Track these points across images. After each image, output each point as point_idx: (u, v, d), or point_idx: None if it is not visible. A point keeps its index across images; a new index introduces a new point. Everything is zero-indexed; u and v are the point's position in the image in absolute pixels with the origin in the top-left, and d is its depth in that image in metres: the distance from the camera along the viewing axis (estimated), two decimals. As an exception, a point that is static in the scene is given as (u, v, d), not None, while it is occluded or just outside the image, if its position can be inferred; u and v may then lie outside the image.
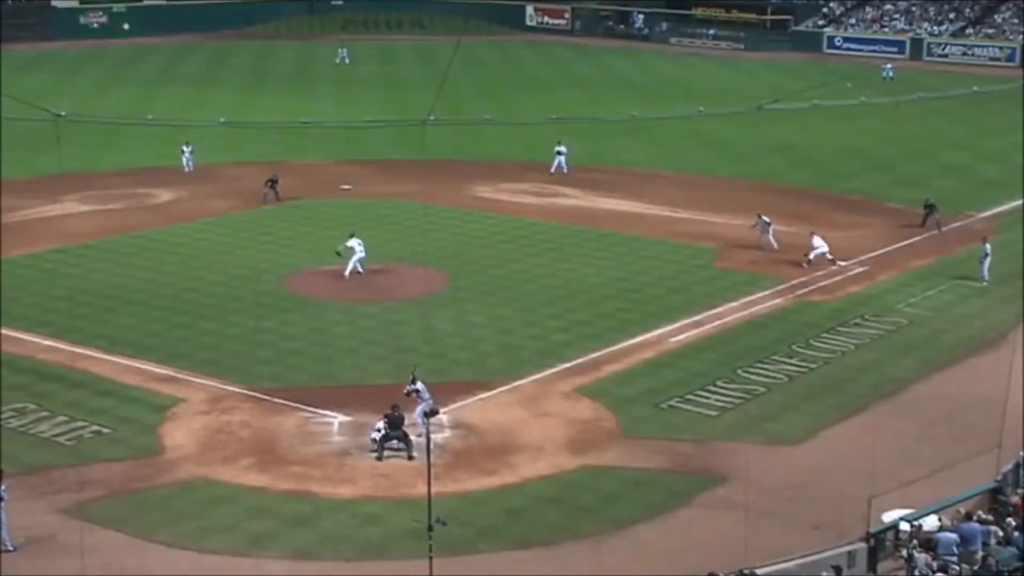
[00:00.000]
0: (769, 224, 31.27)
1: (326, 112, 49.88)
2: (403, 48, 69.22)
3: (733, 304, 27.13)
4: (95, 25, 71.55)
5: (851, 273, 29.79)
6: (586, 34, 75.52)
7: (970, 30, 66.00)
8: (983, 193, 37.20)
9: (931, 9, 68.62)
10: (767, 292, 28.07)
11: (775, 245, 31.05)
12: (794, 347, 24.61)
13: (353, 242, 28.48)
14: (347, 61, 63.28)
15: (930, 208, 33.25)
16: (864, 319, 26.44)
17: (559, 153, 39.26)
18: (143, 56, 65.19)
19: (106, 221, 33.60)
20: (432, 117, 45.32)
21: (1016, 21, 65.50)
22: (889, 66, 59.44)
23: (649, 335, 25.23)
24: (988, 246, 28.95)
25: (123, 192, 36.67)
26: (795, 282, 28.78)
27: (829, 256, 29.88)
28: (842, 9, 71.33)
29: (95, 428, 20.62)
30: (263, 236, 32.48)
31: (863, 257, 30.92)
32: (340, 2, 79.66)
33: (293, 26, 75.12)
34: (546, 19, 78.13)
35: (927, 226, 33.16)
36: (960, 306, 27.60)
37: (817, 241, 29.98)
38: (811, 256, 29.75)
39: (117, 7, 72.85)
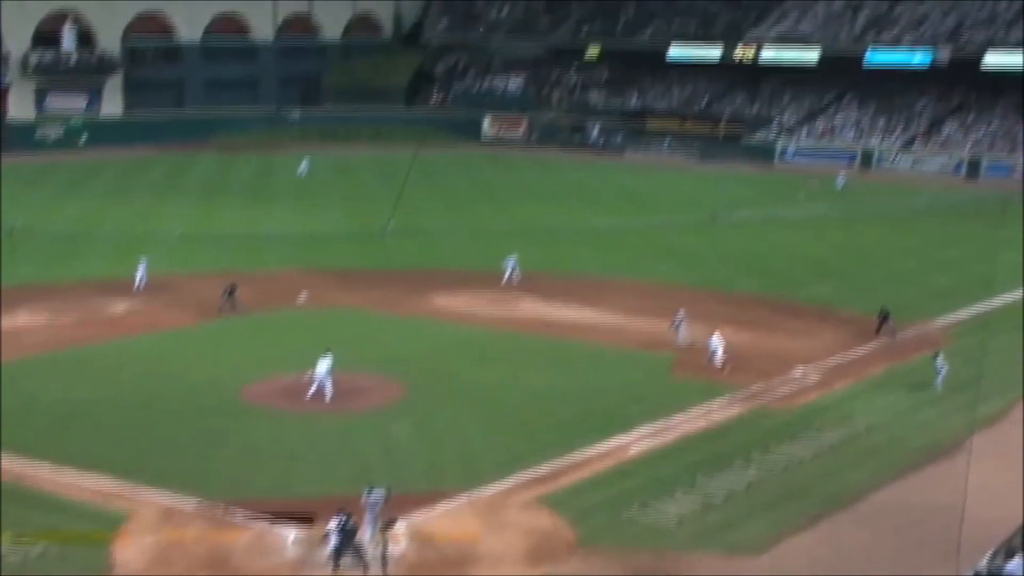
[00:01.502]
0: (681, 322, 31.77)
1: (284, 222, 50.07)
2: (361, 160, 69.93)
3: (691, 412, 27.22)
4: (51, 138, 71.37)
5: (808, 381, 30.03)
6: (542, 145, 76.79)
7: (918, 142, 67.81)
8: (935, 302, 37.76)
9: (880, 122, 70.53)
10: (725, 400, 28.20)
11: (686, 341, 31.41)
12: (753, 455, 24.64)
13: (322, 361, 27.77)
14: (305, 173, 63.54)
15: (884, 316, 33.74)
16: (821, 427, 26.56)
17: (511, 264, 39.49)
18: (100, 169, 65.26)
19: (59, 333, 33.25)
20: (390, 227, 46.10)
21: (961, 135, 67.44)
22: (842, 176, 60.77)
23: (608, 444, 25.20)
24: (941, 359, 29.22)
25: (77, 304, 36.35)
26: (752, 390, 28.96)
27: (720, 357, 29.82)
28: (793, 121, 73.09)
29: (42, 547, 20.07)
30: (220, 347, 32.32)
31: (818, 364, 31.16)
32: (298, 115, 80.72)
33: (252, 138, 75.75)
34: (503, 131, 79.32)
35: (881, 334, 33.62)
36: (916, 414, 27.80)
37: (715, 341, 30.06)
38: (718, 358, 29.76)
39: (74, 120, 72.98)
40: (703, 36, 78.05)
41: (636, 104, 79.56)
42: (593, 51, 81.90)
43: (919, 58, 69.38)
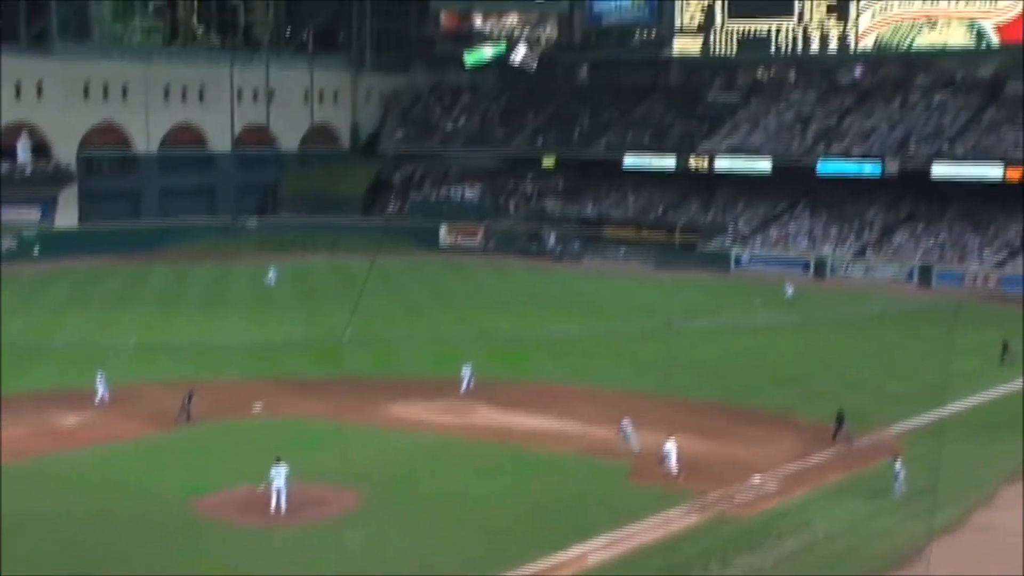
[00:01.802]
0: (629, 429, 32.04)
1: (241, 332, 49.92)
2: (319, 268, 70.00)
3: (649, 521, 27.12)
4: (3, 250, 70.77)
5: (766, 489, 30.06)
6: (499, 253, 77.44)
7: (870, 251, 69.03)
8: (891, 408, 38.07)
9: (833, 231, 71.78)
10: (683, 508, 28.14)
11: (637, 448, 31.62)
12: (712, 565, 24.49)
13: (276, 471, 27.55)
14: (273, 282, 63.65)
15: (840, 421, 33.98)
16: (780, 535, 26.50)
17: (467, 371, 39.57)
18: (54, 279, 64.83)
19: (10, 446, 32.60)
20: (347, 335, 45.98)
21: (912, 244, 68.77)
22: (789, 286, 61.65)
23: (567, 554, 25.03)
24: (899, 465, 29.38)
25: (29, 416, 35.80)
26: (710, 498, 28.93)
27: (674, 464, 29.79)
28: (748, 229, 74.19)
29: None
30: (173, 458, 31.94)
31: (776, 472, 31.22)
32: (255, 223, 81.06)
33: (208, 247, 75.74)
34: (460, 239, 79.89)
35: (838, 440, 33.84)
36: (874, 521, 27.86)
37: (669, 447, 30.08)
38: (672, 465, 29.79)
39: (27, 232, 72.68)
40: (657, 147, 79.48)
41: (592, 212, 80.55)
42: (549, 161, 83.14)
43: (869, 169, 70.91)
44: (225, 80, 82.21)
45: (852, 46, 77.50)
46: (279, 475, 27.30)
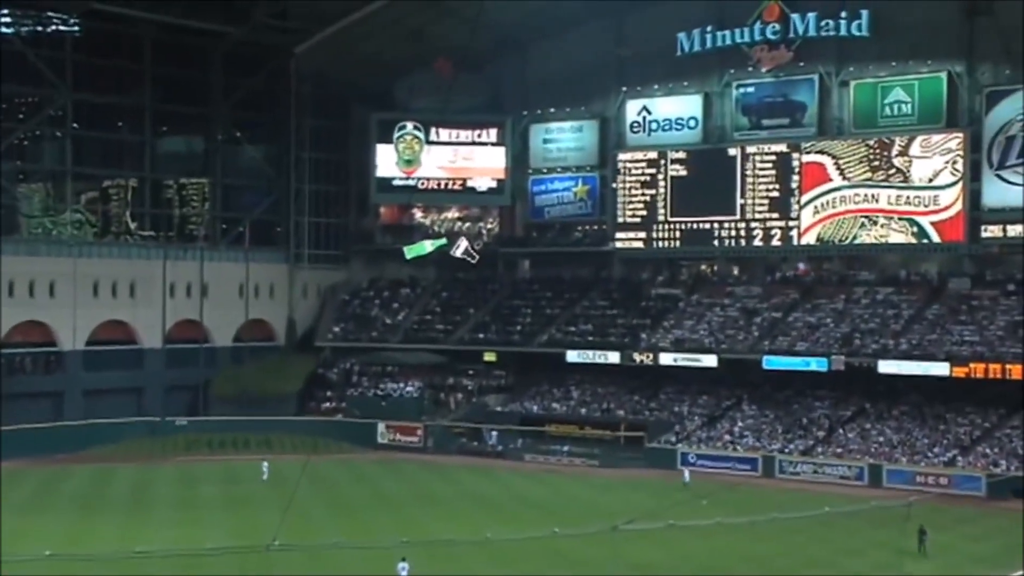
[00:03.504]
0: None
1: (164, 539, 48.91)
2: (250, 469, 69.07)
3: None
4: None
5: None
6: (439, 451, 76.99)
7: (819, 448, 69.53)
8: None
9: (779, 427, 72.35)
10: None
11: None
12: None
13: None
14: (266, 477, 63.65)
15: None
16: None
17: (403, 571, 39.01)
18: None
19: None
20: (276, 542, 45.06)
21: (860, 441, 69.37)
22: (687, 472, 61.97)
23: None
24: None
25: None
26: None
27: None
28: (694, 426, 74.52)
29: None
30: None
31: None
32: (185, 422, 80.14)
33: (133, 448, 74.42)
34: (398, 436, 79.39)
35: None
36: None
37: None
38: None
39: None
40: (601, 342, 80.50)
41: (535, 408, 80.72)
42: (491, 355, 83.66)
43: (815, 364, 72.04)
44: (157, 274, 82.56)
45: (795, 240, 79.88)
46: None
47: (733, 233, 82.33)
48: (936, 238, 75.53)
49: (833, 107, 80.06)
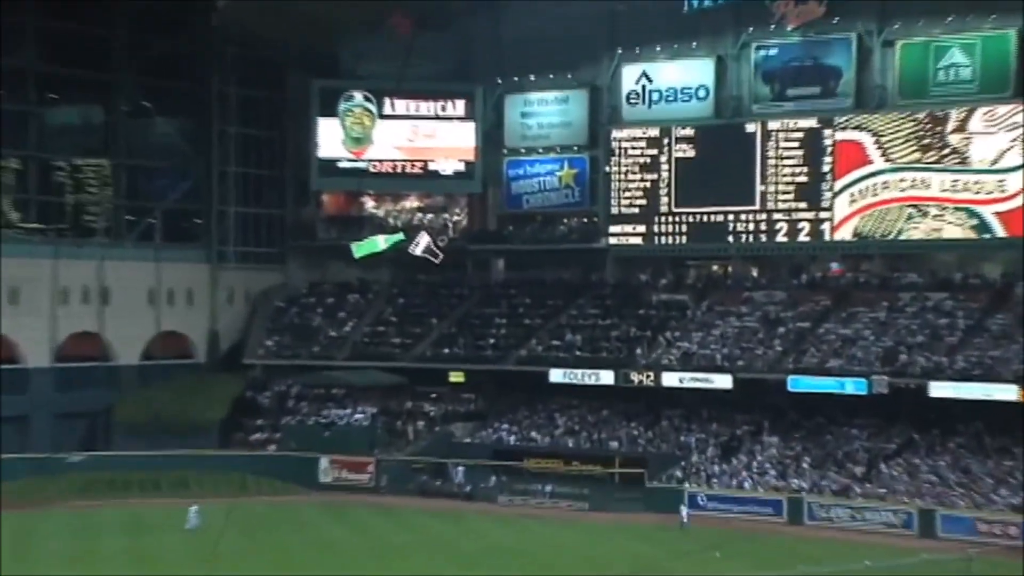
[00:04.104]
0: None
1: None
2: (162, 514, 68.19)
3: None
4: None
5: None
6: (395, 491, 76.62)
7: (858, 489, 68.80)
8: None
9: (808, 463, 71.61)
10: None
11: None
12: None
13: None
14: (194, 525, 62.90)
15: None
16: None
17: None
18: None
19: None
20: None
21: (908, 480, 68.71)
22: (685, 514, 62.14)
23: None
24: None
25: None
26: None
27: None
28: (704, 459, 73.98)
29: None
30: None
31: None
32: (80, 458, 78.68)
33: (14, 491, 72.64)
34: (344, 474, 78.92)
35: None
36: None
37: None
38: None
39: None
40: (591, 359, 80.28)
41: (511, 440, 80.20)
42: (457, 375, 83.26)
43: (851, 386, 71.55)
44: (46, 276, 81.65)
45: (827, 236, 79.89)
46: None
47: (751, 227, 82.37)
48: (1000, 232, 75.39)
49: (874, 73, 79.77)
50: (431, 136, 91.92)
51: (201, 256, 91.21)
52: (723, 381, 75.69)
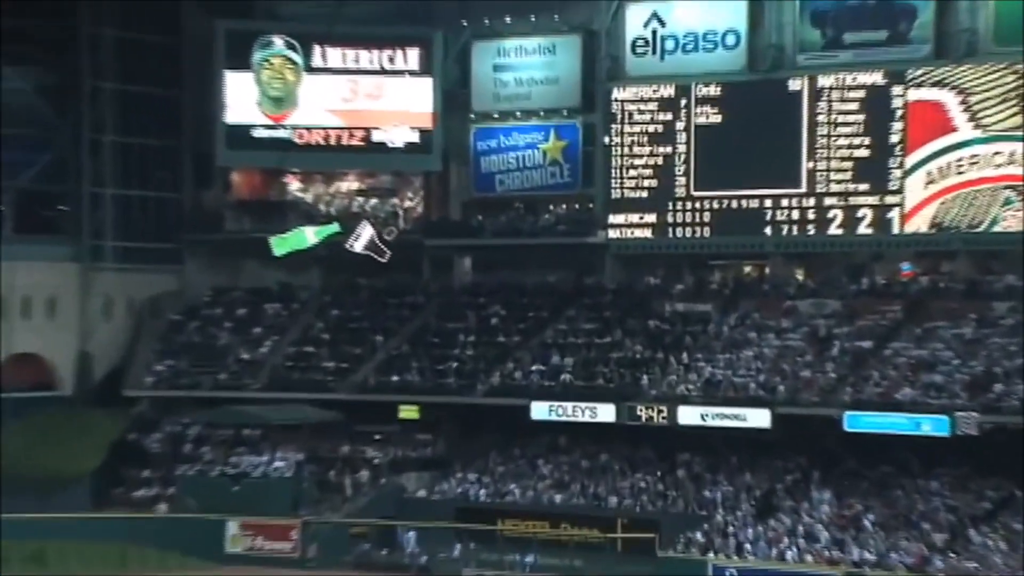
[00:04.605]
0: None
1: None
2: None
3: None
4: None
5: None
6: (327, 565, 76.03)
7: (940, 561, 67.81)
8: None
9: (872, 524, 70.70)
10: None
11: None
12: None
13: None
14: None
15: None
16: None
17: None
18: None
19: None
20: None
21: (1006, 549, 67.66)
22: None
23: None
24: None
25: None
26: None
27: None
28: (734, 522, 73.21)
29: None
30: None
31: None
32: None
33: None
34: (260, 542, 78.48)
35: None
36: None
37: None
38: None
39: None
40: (585, 388, 79.91)
41: (480, 495, 79.94)
42: (410, 410, 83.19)
43: (930, 425, 70.45)
44: None
45: (896, 227, 79.77)
46: None
47: (796, 215, 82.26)
48: None
49: (960, 12, 79.61)
50: (375, 96, 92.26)
51: (66, 253, 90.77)
52: (759, 418, 74.86)
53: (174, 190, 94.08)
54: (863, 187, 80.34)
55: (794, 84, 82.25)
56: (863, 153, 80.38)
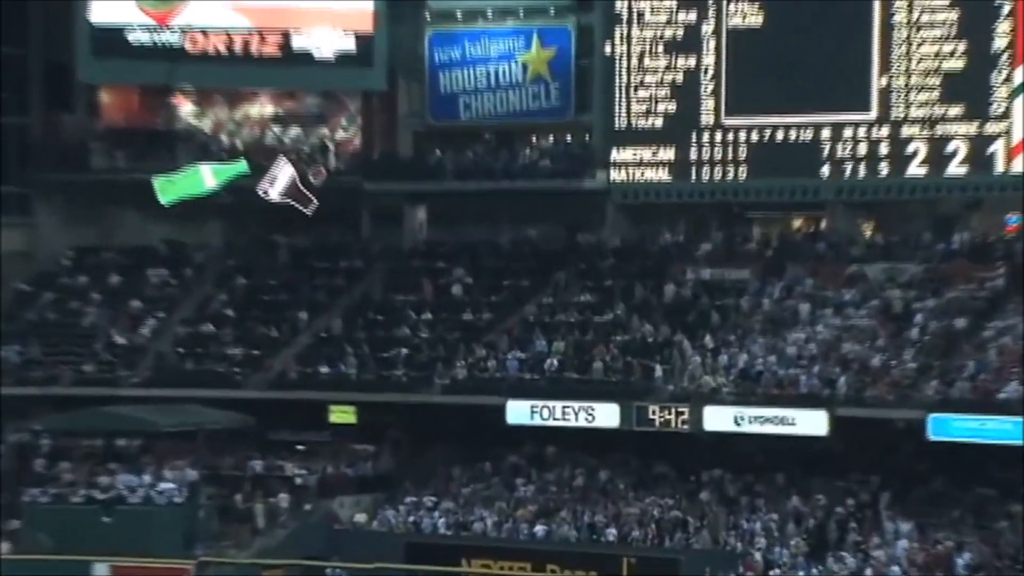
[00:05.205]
0: None
1: None
2: None
3: None
4: None
5: None
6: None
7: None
8: None
9: (966, 560, 71.30)
10: None
11: None
12: None
13: None
14: None
15: None
16: None
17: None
18: None
19: None
20: None
21: None
22: None
23: None
24: None
25: None
26: None
27: None
28: (780, 559, 73.80)
29: None
30: None
31: None
32: None
33: None
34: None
35: None
36: None
37: None
38: None
39: None
40: (580, 382, 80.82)
41: (438, 525, 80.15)
42: (344, 412, 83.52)
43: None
44: None
45: (998, 166, 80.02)
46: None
47: (863, 150, 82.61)
48: None
49: None
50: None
51: None
52: (812, 422, 75.28)
53: (19, 113, 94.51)
54: (955, 111, 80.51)
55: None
56: (955, 64, 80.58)
